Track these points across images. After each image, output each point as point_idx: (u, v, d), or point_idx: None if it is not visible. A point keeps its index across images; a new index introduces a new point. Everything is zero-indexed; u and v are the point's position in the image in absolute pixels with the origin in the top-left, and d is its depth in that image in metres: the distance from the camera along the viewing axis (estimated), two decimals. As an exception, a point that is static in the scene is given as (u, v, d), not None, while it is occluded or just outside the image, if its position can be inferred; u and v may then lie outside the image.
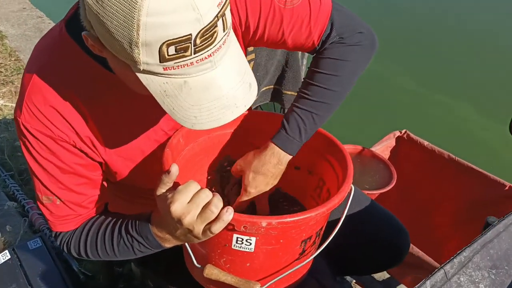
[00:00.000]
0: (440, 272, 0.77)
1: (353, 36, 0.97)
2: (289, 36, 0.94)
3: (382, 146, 2.11)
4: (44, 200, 0.90)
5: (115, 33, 0.63)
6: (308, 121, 0.97)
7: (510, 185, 1.82)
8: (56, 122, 0.83)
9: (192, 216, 0.73)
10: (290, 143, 0.96)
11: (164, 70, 0.66)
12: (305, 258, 0.93)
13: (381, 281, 1.76)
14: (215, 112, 0.71)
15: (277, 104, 2.03)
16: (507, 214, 0.89)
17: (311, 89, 0.97)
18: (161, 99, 0.70)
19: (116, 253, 0.91)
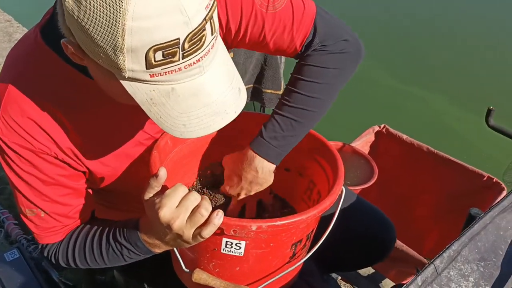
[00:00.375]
0: (431, 267, 0.77)
1: (337, 43, 0.95)
2: (270, 40, 0.92)
3: (362, 141, 2.12)
4: (28, 213, 0.87)
5: (98, 39, 0.59)
6: (286, 127, 0.95)
7: (488, 176, 1.86)
8: (36, 135, 0.80)
9: (181, 220, 0.71)
10: (265, 148, 0.95)
11: (151, 77, 0.63)
12: (296, 261, 0.92)
13: (366, 276, 1.77)
14: (205, 119, 0.68)
15: (257, 103, 2.02)
16: (492, 206, 0.90)
17: (291, 96, 0.96)
18: (147, 107, 0.67)
19: (106, 261, 0.88)
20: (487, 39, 5.25)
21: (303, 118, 0.95)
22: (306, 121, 0.96)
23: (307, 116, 0.96)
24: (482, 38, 5.23)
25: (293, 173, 1.11)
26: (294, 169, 1.11)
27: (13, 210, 1.99)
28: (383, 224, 1.20)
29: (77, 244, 0.89)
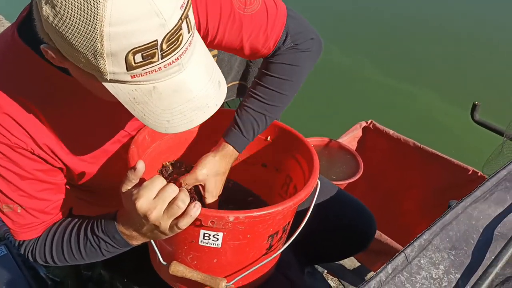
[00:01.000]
0: (401, 256, 0.78)
1: (305, 42, 1.00)
2: (247, 42, 0.94)
3: (349, 137, 2.14)
4: (4, 208, 0.87)
5: (78, 45, 0.61)
6: (261, 123, 1.00)
7: (473, 170, 1.88)
8: (12, 130, 0.80)
9: (158, 211, 0.72)
10: (244, 143, 1.00)
11: (132, 77, 0.64)
12: (272, 253, 0.93)
13: (351, 269, 1.78)
14: (188, 114, 0.70)
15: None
16: (464, 197, 0.91)
17: (265, 93, 1.00)
18: (131, 106, 0.68)
19: (84, 256, 0.89)
20: (474, 35, 5.29)
21: (274, 113, 1.02)
22: (275, 115, 1.03)
23: (277, 111, 1.02)
24: (469, 34, 5.27)
25: (270, 169, 1.13)
26: (271, 165, 1.12)
27: (2, 208, 1.99)
28: (363, 215, 1.21)
29: (55, 240, 0.89)
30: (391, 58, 4.67)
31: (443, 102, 3.91)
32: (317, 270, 1.76)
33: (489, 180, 0.96)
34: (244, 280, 0.96)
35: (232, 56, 1.78)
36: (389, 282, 0.75)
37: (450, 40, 5.08)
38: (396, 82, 4.18)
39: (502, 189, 0.95)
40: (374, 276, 0.74)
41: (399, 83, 4.16)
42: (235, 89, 1.97)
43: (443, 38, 5.12)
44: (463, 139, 3.36)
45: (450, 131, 3.53)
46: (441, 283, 0.77)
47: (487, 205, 0.92)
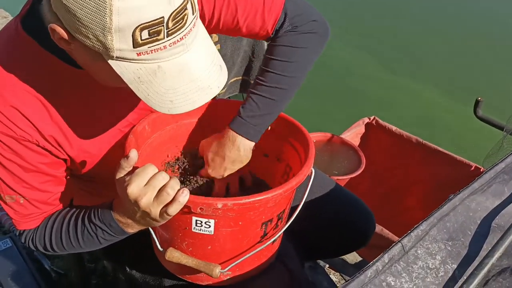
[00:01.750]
0: (398, 246, 0.79)
1: (306, 24, 0.99)
2: (243, 25, 0.95)
3: (352, 132, 2.14)
4: (7, 199, 0.88)
5: (87, 20, 0.63)
6: (262, 105, 0.98)
7: (476, 165, 1.88)
8: (18, 122, 0.81)
9: (148, 198, 0.74)
10: (245, 127, 0.98)
11: (138, 55, 0.66)
12: (267, 241, 0.94)
13: (353, 264, 1.79)
14: (191, 95, 0.72)
15: (246, 95, 2.04)
16: (462, 189, 0.92)
17: (265, 75, 0.99)
18: (135, 86, 0.70)
19: (81, 244, 0.90)
20: (476, 31, 5.26)
21: (278, 96, 0.99)
22: (280, 98, 0.99)
23: (281, 94, 0.99)
24: (471, 30, 5.25)
25: (271, 158, 1.13)
26: (272, 154, 1.13)
27: (7, 201, 2.02)
28: (361, 211, 1.22)
29: (54, 228, 0.91)
30: (394, 54, 4.67)
31: (445, 98, 3.90)
32: (318, 264, 1.77)
33: (487, 172, 0.96)
34: (242, 268, 0.97)
35: (235, 51, 1.79)
36: (385, 271, 0.76)
37: (453, 36, 5.08)
38: (398, 78, 4.18)
39: (500, 181, 0.96)
40: (371, 265, 0.75)
41: (401, 79, 4.16)
42: (238, 84, 1.98)
43: (447, 34, 5.11)
44: (465, 135, 3.36)
45: (452, 127, 3.53)
46: (438, 273, 0.78)
47: (485, 197, 0.92)
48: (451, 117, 3.64)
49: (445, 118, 3.66)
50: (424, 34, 5.12)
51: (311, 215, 1.09)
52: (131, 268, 1.11)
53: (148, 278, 1.08)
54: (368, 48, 4.57)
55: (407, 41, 4.94)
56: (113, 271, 1.31)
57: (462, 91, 3.89)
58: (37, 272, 1.59)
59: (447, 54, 4.71)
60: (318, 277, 1.71)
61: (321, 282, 1.69)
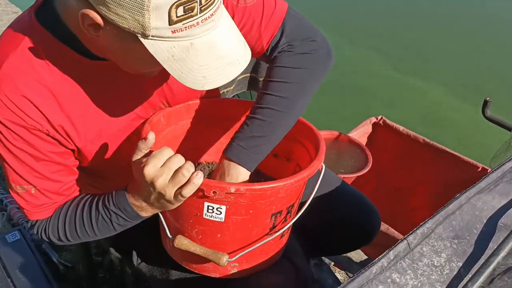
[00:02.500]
0: (403, 243, 0.80)
1: (304, 44, 0.96)
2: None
3: (359, 132, 2.15)
4: (18, 189, 0.89)
5: (125, 0, 0.65)
6: (253, 128, 0.93)
7: (483, 166, 1.87)
8: (29, 112, 0.82)
9: (164, 179, 0.76)
10: (237, 151, 0.93)
11: (173, 33, 0.69)
12: (276, 233, 0.94)
13: (358, 262, 1.79)
14: (221, 70, 0.75)
15: (254, 93, 2.04)
16: (469, 187, 0.92)
17: (261, 98, 0.96)
18: (169, 65, 0.72)
19: (96, 231, 0.91)
20: (485, 30, 5.23)
21: (271, 117, 0.93)
22: (274, 120, 0.94)
23: (275, 116, 0.94)
24: (480, 30, 5.22)
25: (281, 159, 1.14)
26: (282, 155, 1.14)
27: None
28: (366, 208, 1.22)
29: (67, 217, 0.92)
30: (402, 53, 4.67)
31: (452, 97, 3.89)
32: (324, 262, 1.78)
33: (494, 171, 0.96)
34: (249, 261, 0.98)
35: (243, 49, 1.79)
36: (390, 268, 0.76)
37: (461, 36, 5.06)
38: (405, 77, 4.17)
39: (506, 181, 0.96)
40: (376, 261, 0.76)
41: (408, 77, 4.15)
42: (246, 81, 1.99)
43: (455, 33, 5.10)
44: (473, 135, 3.34)
45: (460, 127, 3.51)
46: (443, 271, 0.78)
47: (491, 196, 0.92)
48: (459, 117, 3.63)
49: (453, 117, 3.65)
50: (433, 33, 5.10)
51: (317, 212, 1.10)
52: (138, 262, 1.12)
53: (156, 272, 1.09)
54: (376, 47, 4.56)
55: (415, 40, 4.93)
56: (120, 264, 1.32)
57: (469, 91, 3.87)
58: (45, 264, 1.62)
59: (456, 53, 4.70)
60: (323, 275, 1.72)
61: (326, 279, 1.69)
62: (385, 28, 5.14)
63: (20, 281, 1.51)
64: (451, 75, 4.27)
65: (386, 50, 4.63)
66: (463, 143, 3.14)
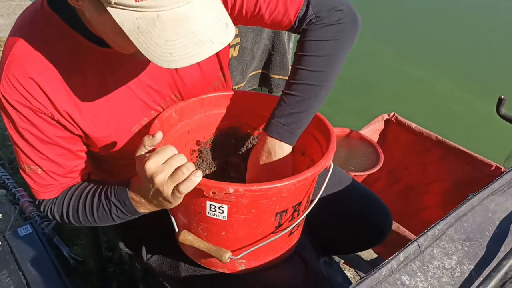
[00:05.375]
0: (414, 245, 0.78)
1: (331, 14, 0.95)
2: (266, 11, 0.94)
3: (371, 129, 2.13)
4: (26, 169, 0.91)
5: None
6: (291, 104, 0.96)
7: (496, 165, 1.85)
8: (35, 94, 0.84)
9: (164, 175, 0.77)
10: (276, 128, 0.96)
11: (136, 1, 0.65)
12: (282, 232, 0.94)
13: (368, 261, 1.78)
14: (190, 48, 0.70)
15: (265, 89, 2.04)
16: (481, 189, 0.90)
17: (294, 73, 0.97)
18: (135, 37, 0.69)
19: (96, 219, 0.93)
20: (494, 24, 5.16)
21: (307, 92, 0.96)
22: (310, 95, 0.96)
23: (311, 91, 0.96)
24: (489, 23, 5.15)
25: (296, 152, 1.12)
26: (297, 149, 1.12)
27: (29, 188, 2.06)
28: (378, 208, 1.21)
29: (71, 201, 0.94)
30: (415, 47, 4.61)
31: (461, 92, 3.83)
32: (333, 260, 1.77)
33: (508, 173, 0.95)
34: (256, 258, 0.98)
35: (254, 44, 1.79)
36: (400, 270, 0.75)
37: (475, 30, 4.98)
38: (413, 70, 4.11)
39: (521, 182, 0.94)
40: (385, 263, 0.74)
41: (416, 71, 4.10)
42: (257, 78, 1.98)
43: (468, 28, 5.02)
44: (487, 134, 3.29)
45: (473, 125, 3.46)
46: (454, 273, 0.77)
47: (505, 198, 0.91)
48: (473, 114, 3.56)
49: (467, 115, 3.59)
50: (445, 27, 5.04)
51: (329, 210, 1.09)
52: (148, 257, 1.13)
53: (165, 268, 1.09)
54: (382, 39, 4.52)
55: (428, 34, 4.87)
56: (129, 259, 1.33)
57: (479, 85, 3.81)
58: (56, 258, 1.63)
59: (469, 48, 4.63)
60: (333, 272, 1.71)
61: (336, 277, 1.68)
62: (393, 20, 5.09)
63: (31, 275, 1.53)
64: (459, 68, 4.21)
65: (393, 42, 4.59)
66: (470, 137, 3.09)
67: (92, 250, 1.58)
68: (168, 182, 0.77)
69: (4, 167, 2.27)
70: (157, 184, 0.77)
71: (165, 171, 0.77)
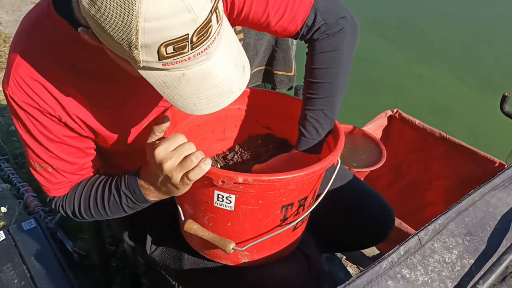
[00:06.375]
0: (414, 239, 0.79)
1: (337, 22, 0.98)
2: (273, 18, 0.95)
3: (374, 125, 2.12)
4: (37, 167, 0.93)
5: (114, 36, 0.65)
6: (321, 119, 1.02)
7: (500, 162, 1.84)
8: (43, 96, 0.84)
9: (172, 162, 0.78)
10: (313, 144, 1.02)
11: (163, 65, 0.69)
12: (287, 225, 0.94)
13: (370, 257, 1.78)
14: (213, 99, 0.74)
15: (268, 85, 2.04)
16: (483, 184, 0.91)
17: (315, 88, 1.01)
18: (161, 89, 0.73)
19: (107, 211, 0.94)
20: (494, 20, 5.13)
21: (331, 104, 1.02)
22: (334, 104, 1.03)
23: (333, 101, 1.02)
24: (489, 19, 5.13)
25: None
26: None
27: (33, 183, 2.08)
28: (380, 206, 1.21)
29: (82, 196, 0.95)
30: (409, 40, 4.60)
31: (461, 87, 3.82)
32: (336, 256, 1.78)
33: (509, 168, 0.94)
34: (260, 251, 0.98)
35: (258, 41, 1.79)
36: (401, 263, 0.76)
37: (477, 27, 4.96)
38: (413, 65, 4.11)
39: (522, 177, 0.94)
40: (386, 256, 0.75)
41: (416, 67, 4.09)
42: (260, 74, 1.98)
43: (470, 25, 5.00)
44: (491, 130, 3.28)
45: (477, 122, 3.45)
46: (454, 267, 0.77)
47: (506, 193, 0.91)
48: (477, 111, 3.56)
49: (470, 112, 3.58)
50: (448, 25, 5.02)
51: (331, 207, 1.09)
52: (152, 250, 1.14)
53: (168, 261, 1.10)
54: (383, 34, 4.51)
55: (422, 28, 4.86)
56: (133, 254, 1.34)
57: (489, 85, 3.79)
58: (60, 252, 1.64)
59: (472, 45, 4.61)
60: (335, 268, 1.71)
61: (338, 273, 1.69)
62: (395, 16, 5.08)
63: (35, 268, 1.54)
64: (459, 64, 4.20)
65: (394, 38, 4.58)
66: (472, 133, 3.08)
67: (95, 245, 1.59)
68: (177, 169, 0.79)
69: (9, 162, 2.28)
70: (166, 171, 0.79)
71: (174, 158, 0.78)
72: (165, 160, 0.79)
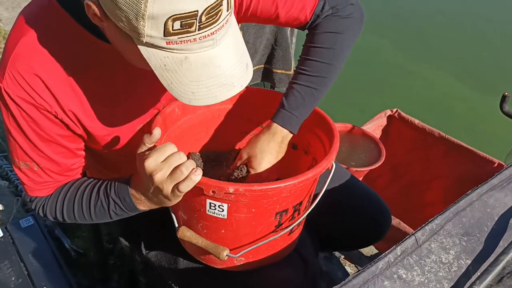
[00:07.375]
0: (411, 239, 0.79)
1: (346, 8, 0.98)
2: (282, 9, 0.95)
3: (374, 124, 2.12)
4: (21, 165, 0.90)
5: (122, 3, 0.63)
6: (307, 97, 0.98)
7: (499, 162, 1.84)
8: (39, 91, 0.82)
9: (163, 174, 0.76)
10: (289, 119, 0.98)
11: (167, 44, 0.67)
12: (282, 231, 0.93)
13: (368, 256, 1.78)
14: (213, 89, 0.72)
15: (267, 83, 2.04)
16: (480, 184, 0.90)
17: (309, 65, 0.98)
18: (160, 72, 0.71)
19: (92, 215, 0.92)
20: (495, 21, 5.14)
21: (320, 85, 0.99)
22: (322, 88, 1.00)
23: (323, 83, 0.99)
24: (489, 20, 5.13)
25: (299, 151, 1.13)
26: (300, 147, 1.13)
27: (31, 181, 2.07)
28: (377, 206, 1.21)
29: (67, 198, 0.93)
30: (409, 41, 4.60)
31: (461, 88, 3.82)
32: (334, 255, 1.77)
33: (507, 168, 0.94)
34: (255, 256, 0.97)
35: (257, 38, 1.78)
36: (397, 264, 0.75)
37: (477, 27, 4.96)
38: (414, 66, 4.10)
39: (520, 178, 0.94)
40: (382, 256, 0.75)
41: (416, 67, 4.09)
42: (260, 72, 1.98)
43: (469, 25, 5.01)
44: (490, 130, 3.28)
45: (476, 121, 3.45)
46: (451, 268, 0.77)
47: (504, 193, 0.90)
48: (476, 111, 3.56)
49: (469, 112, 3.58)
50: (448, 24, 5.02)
51: (328, 208, 1.09)
52: (146, 252, 1.13)
53: (163, 262, 1.10)
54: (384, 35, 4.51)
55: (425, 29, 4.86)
56: (130, 252, 1.33)
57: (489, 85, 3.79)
58: (57, 250, 1.64)
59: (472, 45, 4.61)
60: (333, 267, 1.71)
61: (336, 272, 1.69)
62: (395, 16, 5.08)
63: (33, 266, 1.54)
64: (459, 64, 4.20)
65: (394, 38, 4.59)
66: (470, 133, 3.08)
67: (93, 242, 1.59)
68: (167, 180, 0.77)
69: (7, 159, 2.28)
70: (157, 182, 0.77)
71: (164, 170, 0.76)
72: (155, 172, 0.77)
